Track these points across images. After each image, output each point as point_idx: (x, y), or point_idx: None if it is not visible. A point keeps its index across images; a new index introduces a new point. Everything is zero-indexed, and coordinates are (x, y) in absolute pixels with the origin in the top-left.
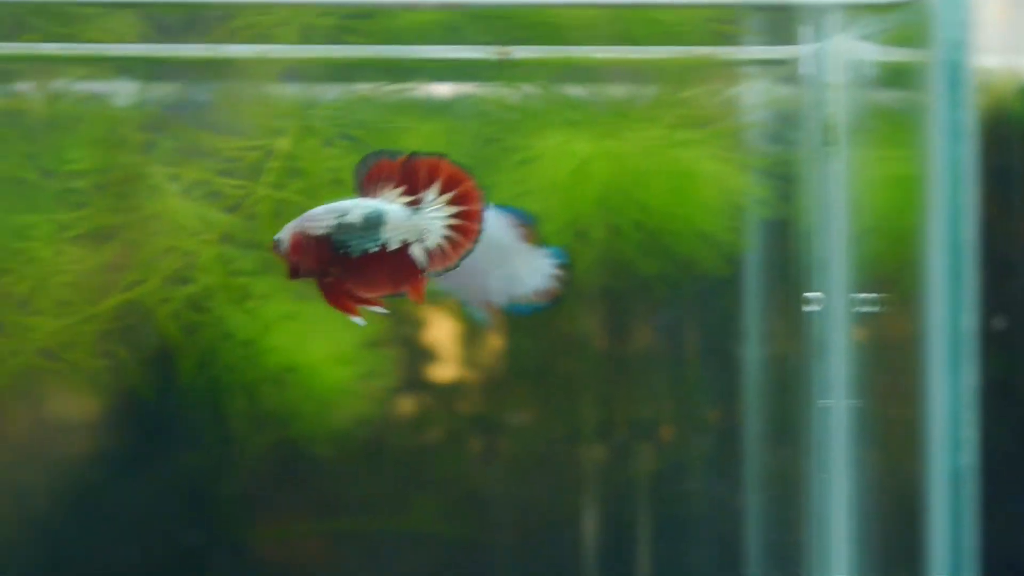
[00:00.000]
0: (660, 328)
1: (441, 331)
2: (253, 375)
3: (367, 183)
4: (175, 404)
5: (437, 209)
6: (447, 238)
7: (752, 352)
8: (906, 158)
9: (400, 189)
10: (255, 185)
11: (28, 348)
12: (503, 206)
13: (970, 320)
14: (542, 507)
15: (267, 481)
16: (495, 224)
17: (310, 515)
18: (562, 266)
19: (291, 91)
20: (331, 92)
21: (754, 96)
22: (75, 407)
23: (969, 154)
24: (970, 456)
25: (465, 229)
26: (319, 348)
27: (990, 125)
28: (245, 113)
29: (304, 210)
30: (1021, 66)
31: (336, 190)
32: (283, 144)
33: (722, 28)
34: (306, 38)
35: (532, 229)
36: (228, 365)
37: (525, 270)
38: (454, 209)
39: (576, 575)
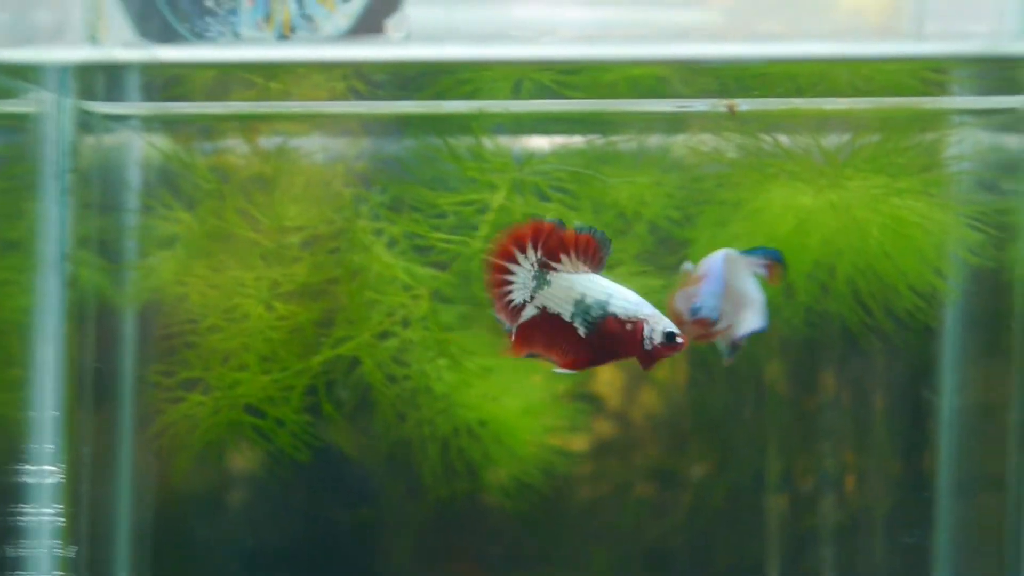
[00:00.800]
0: (870, 379)
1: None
2: (447, 427)
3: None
4: (373, 458)
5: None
6: None
7: (954, 401)
8: None
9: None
10: (469, 239)
11: (234, 403)
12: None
13: None
14: (728, 561)
15: (456, 533)
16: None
17: (484, 565)
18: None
19: (505, 144)
20: (546, 145)
21: (978, 143)
22: (274, 461)
23: None
24: None
25: None
26: (514, 402)
27: None
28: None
29: None
30: None
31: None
32: (497, 198)
33: (939, 78)
34: (518, 93)
35: (777, 267)
36: (426, 419)
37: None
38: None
39: None
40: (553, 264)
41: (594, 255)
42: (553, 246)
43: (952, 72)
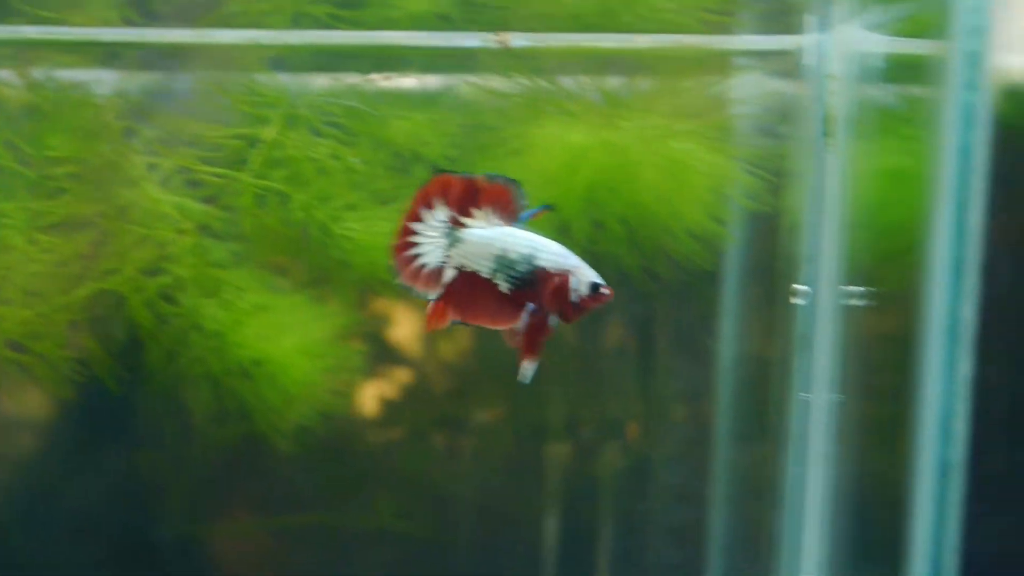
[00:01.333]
0: (639, 322)
1: (411, 327)
2: (220, 367)
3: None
4: (141, 396)
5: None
6: None
7: (730, 347)
8: (907, 151)
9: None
10: (241, 174)
11: None
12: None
13: (970, 311)
14: (505, 505)
15: (228, 476)
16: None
17: (268, 511)
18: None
19: (279, 80)
20: (320, 81)
21: (759, 87)
22: (38, 399)
23: (982, 143)
24: (959, 450)
25: None
26: (290, 341)
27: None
28: (231, 101)
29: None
30: (1003, 66)
31: (320, 180)
32: (269, 132)
33: (720, 18)
34: (296, 25)
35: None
36: (197, 357)
37: None
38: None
39: (536, 571)
40: (464, 220)
41: (507, 206)
42: (462, 200)
43: (738, 14)
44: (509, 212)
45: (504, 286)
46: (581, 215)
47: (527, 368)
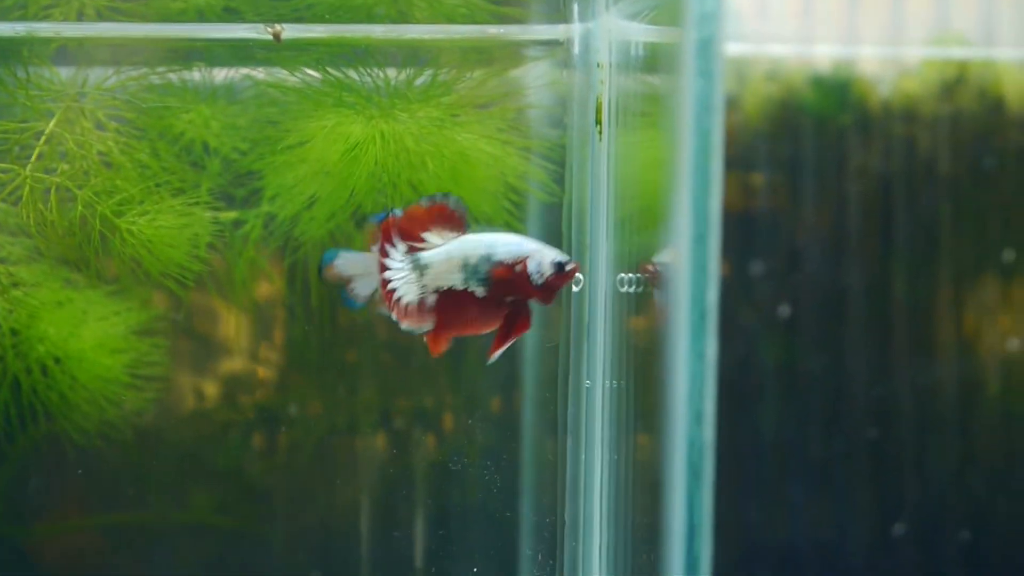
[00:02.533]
0: None
1: (215, 320)
2: (19, 365)
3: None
4: None
5: None
6: None
7: (532, 337)
8: (660, 138)
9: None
10: (22, 169)
11: None
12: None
13: (714, 293)
14: (322, 497)
15: (34, 475)
16: None
17: (83, 509)
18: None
19: (63, 73)
20: (104, 74)
21: (538, 77)
22: None
23: (718, 130)
24: (709, 432)
25: None
26: (89, 337)
27: (782, 114)
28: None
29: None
30: (812, 56)
31: (105, 173)
32: (50, 126)
33: (505, 10)
34: (81, 18)
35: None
36: None
37: None
38: None
39: (351, 559)
40: (419, 245)
41: (454, 220)
42: (412, 230)
43: (529, 5)
44: (456, 224)
45: (480, 290)
46: (370, 205)
47: (495, 354)
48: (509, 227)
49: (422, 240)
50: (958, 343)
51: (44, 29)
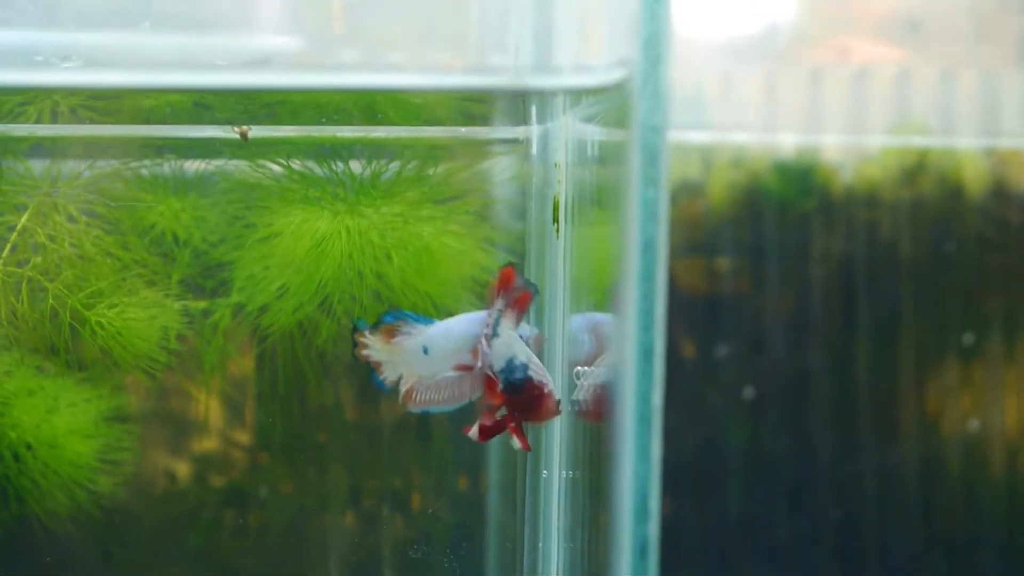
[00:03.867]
0: None
1: (185, 404)
2: None
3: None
4: None
5: None
6: None
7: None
8: (611, 238)
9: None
10: None
11: None
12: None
13: (658, 396)
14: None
15: (4, 558)
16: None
17: None
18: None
19: (36, 166)
20: (76, 169)
21: (499, 174)
22: None
23: (663, 234)
24: (655, 528)
25: None
26: (61, 423)
27: (746, 200)
28: None
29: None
30: (776, 143)
31: (76, 265)
32: (22, 220)
33: (471, 108)
34: (55, 117)
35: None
36: None
37: None
38: None
39: None
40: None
41: (522, 309)
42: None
43: (494, 104)
44: (520, 316)
45: (502, 385)
46: (336, 296)
47: (473, 434)
48: None
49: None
50: (920, 424)
51: (19, 130)
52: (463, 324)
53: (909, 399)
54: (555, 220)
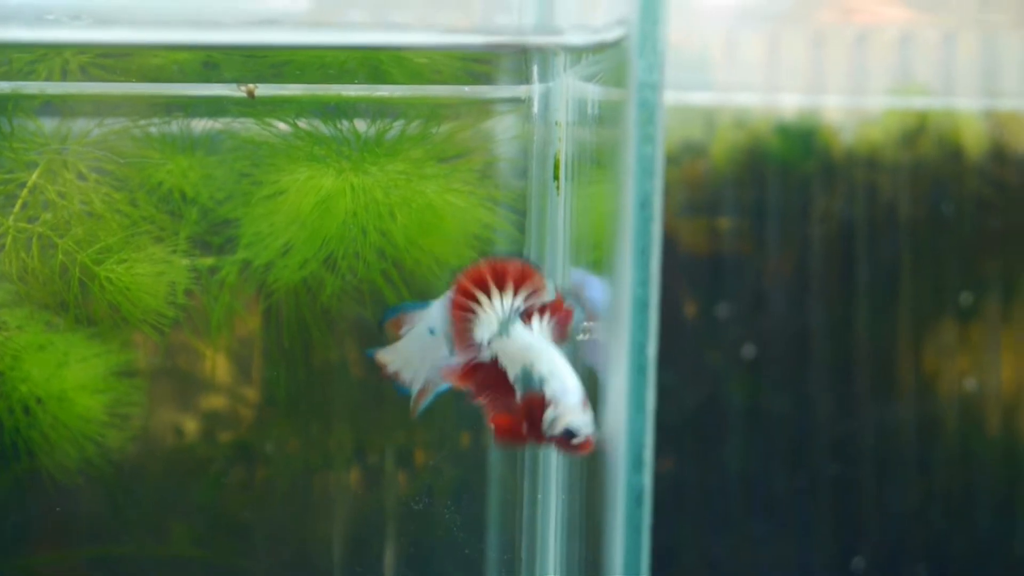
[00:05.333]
0: None
1: (194, 360)
2: (1, 405)
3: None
4: None
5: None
6: None
7: None
8: (609, 195)
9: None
10: (5, 219)
11: None
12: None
13: (653, 348)
14: (298, 531)
15: (16, 510)
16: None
17: (57, 543)
18: None
19: (47, 124)
20: (86, 127)
21: (502, 133)
22: None
23: (658, 189)
24: (649, 477)
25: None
26: (71, 378)
27: (748, 161)
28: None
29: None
30: (778, 105)
31: (85, 222)
32: (32, 177)
33: (474, 67)
34: (65, 75)
35: None
36: None
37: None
38: None
39: None
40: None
41: (562, 322)
42: (529, 296)
43: (496, 63)
44: (562, 330)
45: (518, 396)
46: (341, 253)
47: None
48: None
49: (529, 318)
50: (917, 382)
51: (29, 87)
52: None
53: (907, 358)
54: (556, 178)
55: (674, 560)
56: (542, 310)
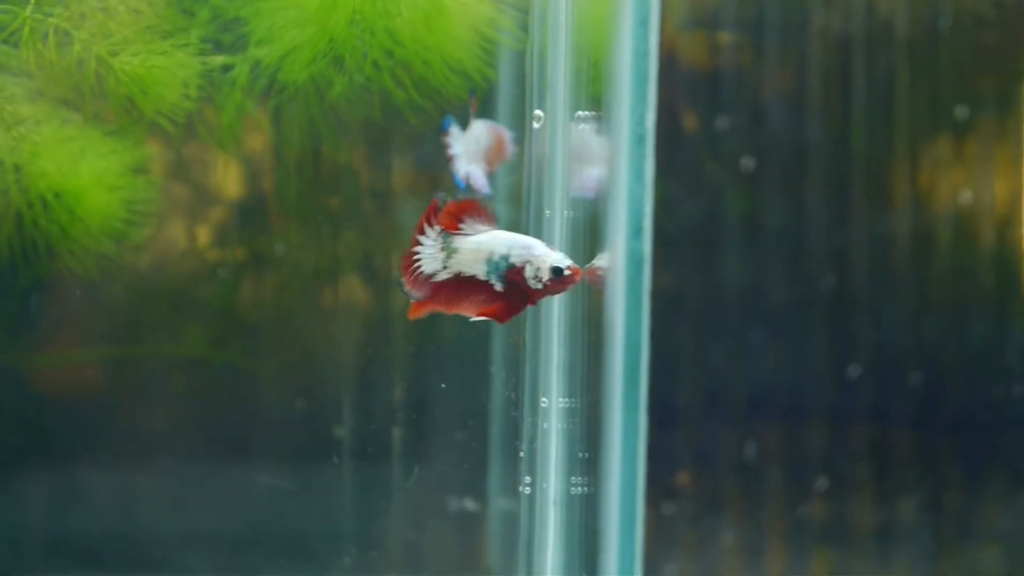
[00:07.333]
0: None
1: (205, 168)
2: (21, 199)
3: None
4: None
5: None
6: None
7: None
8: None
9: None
10: (21, 10)
11: None
12: None
13: (651, 119)
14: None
15: (36, 308)
16: None
17: (76, 342)
18: None
19: None
20: None
21: None
22: None
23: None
24: (648, 243)
25: None
26: (86, 173)
27: None
28: None
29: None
30: None
31: (100, 17)
32: None
33: None
34: None
35: None
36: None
37: None
38: None
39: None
40: (454, 230)
41: (485, 216)
42: (447, 218)
43: None
44: (489, 220)
45: (498, 285)
46: (348, 51)
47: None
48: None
49: (457, 228)
50: (913, 196)
51: None
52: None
53: (902, 172)
54: None
55: (673, 369)
56: (457, 216)
